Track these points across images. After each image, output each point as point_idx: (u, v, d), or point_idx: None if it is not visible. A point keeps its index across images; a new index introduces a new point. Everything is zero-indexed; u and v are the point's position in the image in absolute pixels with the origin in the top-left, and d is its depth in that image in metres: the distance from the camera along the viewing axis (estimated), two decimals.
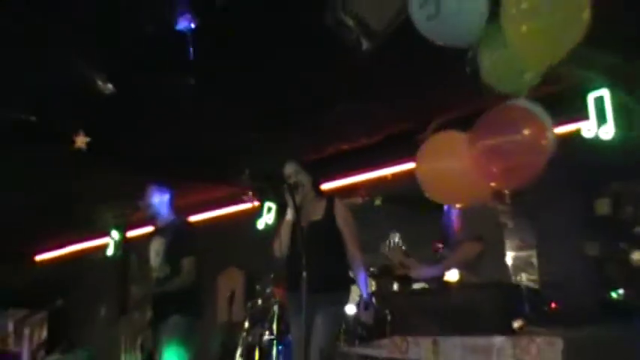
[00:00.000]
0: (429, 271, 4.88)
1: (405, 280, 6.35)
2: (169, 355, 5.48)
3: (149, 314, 5.74)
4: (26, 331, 11.39)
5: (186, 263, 5.55)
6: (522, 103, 3.68)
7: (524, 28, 3.38)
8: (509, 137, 3.53)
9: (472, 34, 3.54)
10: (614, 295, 4.68)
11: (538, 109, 3.61)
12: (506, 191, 3.97)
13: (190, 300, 5.60)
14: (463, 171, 3.70)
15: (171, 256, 5.61)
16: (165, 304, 5.59)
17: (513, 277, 4.78)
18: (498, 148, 3.54)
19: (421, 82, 6.29)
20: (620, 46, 5.57)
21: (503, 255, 4.94)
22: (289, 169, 5.19)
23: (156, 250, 5.75)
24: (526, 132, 3.53)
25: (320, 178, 5.41)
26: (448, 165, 3.79)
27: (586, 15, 3.34)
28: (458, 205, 4.73)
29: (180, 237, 5.68)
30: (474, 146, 3.63)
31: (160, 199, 5.86)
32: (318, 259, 4.48)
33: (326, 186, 5.59)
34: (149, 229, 6.35)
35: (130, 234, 7.94)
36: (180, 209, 6.26)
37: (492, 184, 3.78)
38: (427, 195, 3.92)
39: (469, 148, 3.67)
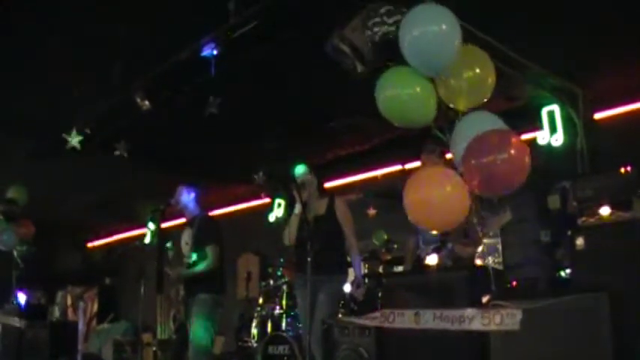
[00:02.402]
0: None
1: (388, 264, 6.34)
2: (197, 326, 5.45)
3: (181, 292, 5.71)
4: (81, 305, 11.33)
5: (210, 251, 5.50)
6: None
7: (451, 82, 3.73)
8: (497, 156, 3.47)
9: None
10: (562, 274, 4.64)
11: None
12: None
13: (214, 280, 5.56)
14: (444, 201, 3.60)
15: (198, 245, 5.56)
16: (194, 284, 5.55)
17: (482, 261, 4.73)
18: (488, 165, 3.46)
19: None
20: (564, 70, 5.58)
21: None
22: (300, 170, 5.16)
23: (185, 240, 5.71)
24: (512, 152, 3.48)
25: (323, 179, 5.36)
26: (431, 196, 3.65)
27: (492, 79, 3.80)
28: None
29: (204, 229, 5.63)
30: (466, 162, 3.53)
31: (187, 197, 5.81)
32: (321, 247, 4.45)
33: (327, 185, 5.54)
34: (180, 221, 6.32)
35: (165, 225, 7.89)
36: (207, 204, 6.22)
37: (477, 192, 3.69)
38: (413, 221, 3.82)
39: (461, 165, 3.59)
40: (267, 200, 9.28)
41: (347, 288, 5.38)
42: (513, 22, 4.66)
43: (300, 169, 5.16)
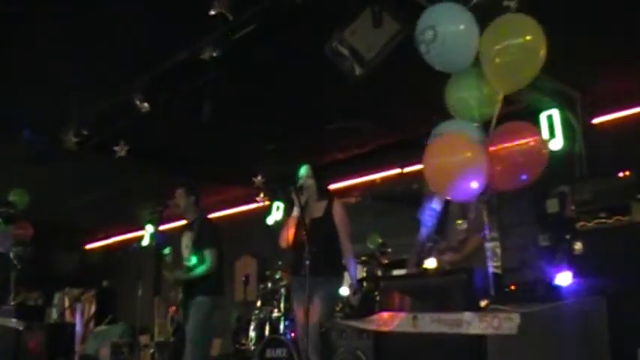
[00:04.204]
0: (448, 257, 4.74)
1: (387, 267, 6.31)
2: (195, 328, 5.45)
3: (180, 295, 5.71)
4: (79, 307, 11.35)
5: (208, 254, 5.52)
6: None
7: (497, 60, 3.52)
8: (517, 145, 3.52)
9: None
10: (561, 278, 4.63)
11: None
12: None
13: (212, 283, 5.58)
14: (465, 166, 3.56)
15: (197, 248, 5.58)
16: (192, 286, 5.57)
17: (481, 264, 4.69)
18: (507, 153, 3.51)
19: (401, 103, 6.28)
20: (563, 74, 5.58)
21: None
22: (303, 171, 5.13)
23: (185, 243, 5.74)
24: (531, 142, 3.55)
25: (324, 181, 5.33)
26: (452, 160, 3.61)
27: (543, 52, 3.50)
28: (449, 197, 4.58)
29: (203, 232, 5.66)
30: (488, 151, 3.57)
31: (188, 200, 5.79)
32: (317, 249, 4.43)
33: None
34: (178, 223, 6.31)
35: (163, 228, 7.90)
36: (206, 207, 6.22)
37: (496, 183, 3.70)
38: (433, 189, 3.82)
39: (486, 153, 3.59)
40: (265, 203, 9.26)
41: (343, 291, 5.37)
42: None
43: (302, 172, 5.13)
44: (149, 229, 7.26)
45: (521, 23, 3.55)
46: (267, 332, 6.61)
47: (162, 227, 6.55)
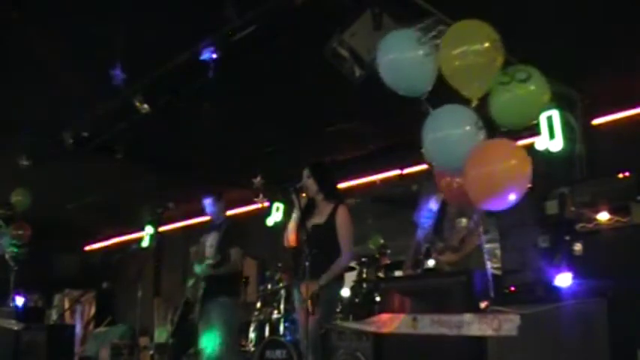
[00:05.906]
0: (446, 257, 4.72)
1: (388, 269, 6.31)
2: (215, 331, 5.55)
3: (201, 291, 5.75)
4: (79, 308, 11.36)
5: (233, 253, 5.68)
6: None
7: (456, 63, 3.57)
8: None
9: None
10: (560, 279, 4.63)
11: None
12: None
13: (235, 283, 5.81)
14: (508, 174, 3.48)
15: (222, 247, 5.71)
16: (215, 285, 5.66)
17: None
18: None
19: (401, 105, 6.27)
20: (563, 75, 5.58)
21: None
22: (304, 173, 5.09)
23: (210, 242, 5.85)
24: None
25: (330, 181, 5.18)
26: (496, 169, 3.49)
27: (500, 60, 3.55)
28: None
29: (229, 232, 5.83)
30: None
31: (220, 205, 6.09)
32: (317, 254, 4.42)
33: None
34: (178, 224, 6.32)
35: (162, 229, 7.91)
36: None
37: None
38: (474, 201, 3.67)
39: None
40: (265, 204, 9.25)
41: (345, 292, 5.35)
42: (512, 27, 4.65)
43: (304, 172, 5.09)
44: (149, 230, 7.26)
45: (479, 29, 3.58)
46: (266, 333, 6.61)
47: (161, 229, 6.58)
